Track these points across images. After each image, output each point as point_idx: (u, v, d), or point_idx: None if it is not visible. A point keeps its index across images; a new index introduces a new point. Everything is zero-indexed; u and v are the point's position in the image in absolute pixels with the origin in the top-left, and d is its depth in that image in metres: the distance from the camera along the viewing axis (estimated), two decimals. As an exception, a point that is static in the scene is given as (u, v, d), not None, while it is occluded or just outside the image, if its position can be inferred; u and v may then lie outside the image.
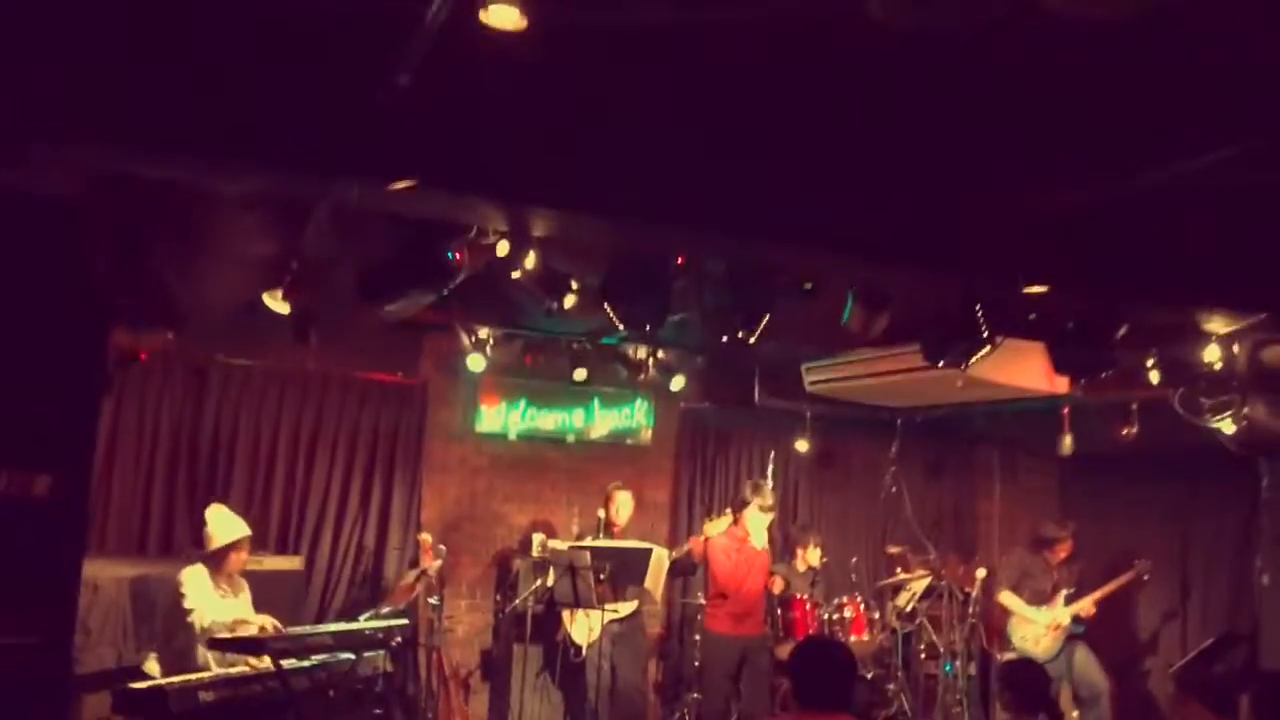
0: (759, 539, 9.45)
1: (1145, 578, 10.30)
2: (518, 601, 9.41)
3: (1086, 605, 10.05)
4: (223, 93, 4.39)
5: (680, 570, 10.00)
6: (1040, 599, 10.14)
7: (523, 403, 10.31)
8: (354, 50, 4.26)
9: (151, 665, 7.21)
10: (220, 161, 4.69)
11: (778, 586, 9.56)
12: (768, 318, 6.54)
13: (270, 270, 6.49)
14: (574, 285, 6.85)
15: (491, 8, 3.81)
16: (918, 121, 4.80)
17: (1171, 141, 4.76)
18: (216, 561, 7.42)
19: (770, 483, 10.13)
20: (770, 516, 9.43)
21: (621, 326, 6.48)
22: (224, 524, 7.52)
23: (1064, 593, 10.08)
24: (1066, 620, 10.01)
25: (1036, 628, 10.06)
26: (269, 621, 7.28)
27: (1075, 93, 4.50)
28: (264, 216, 5.59)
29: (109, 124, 4.39)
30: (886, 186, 5.34)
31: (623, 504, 9.86)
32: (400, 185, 4.74)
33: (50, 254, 5.04)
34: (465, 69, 4.33)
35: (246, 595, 7.65)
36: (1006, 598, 10.30)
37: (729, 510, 9.70)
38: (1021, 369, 7.97)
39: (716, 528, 9.60)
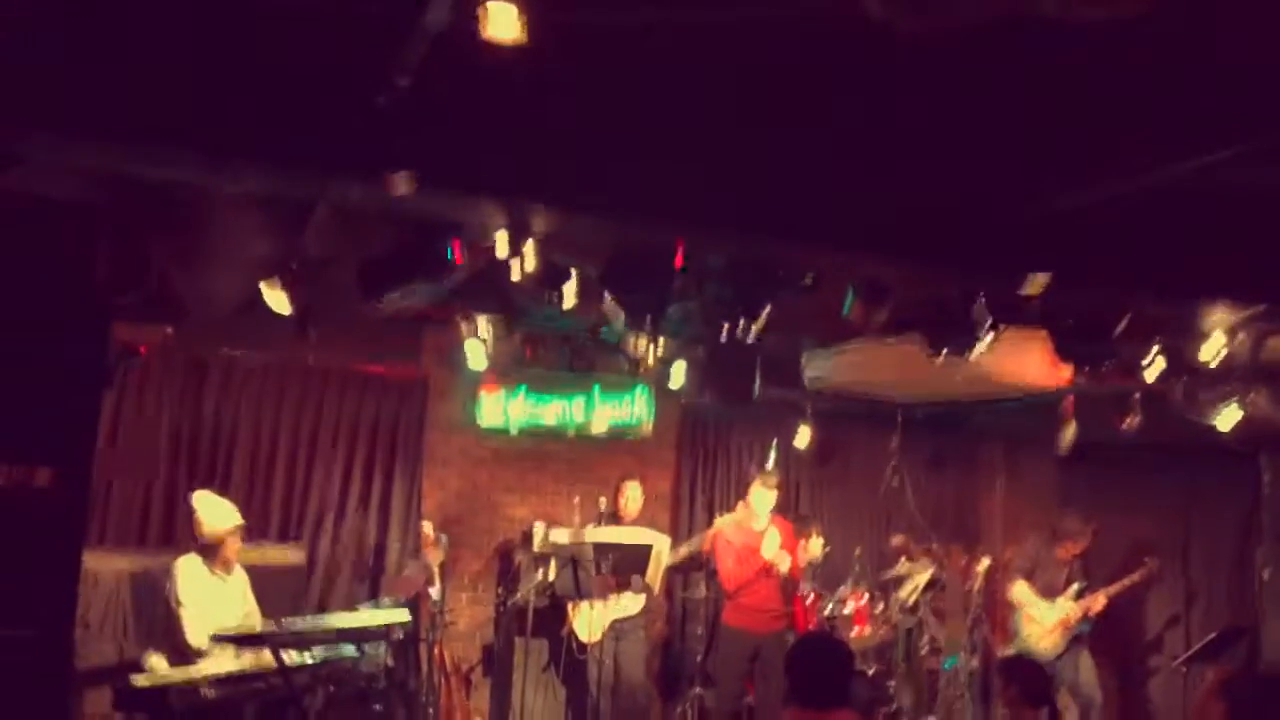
0: (762, 519, 9.40)
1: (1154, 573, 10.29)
2: (519, 595, 9.42)
3: (1098, 601, 10.02)
4: (223, 93, 4.40)
5: (692, 565, 10.03)
6: (1051, 592, 10.10)
7: (523, 395, 10.30)
8: (354, 50, 4.26)
9: (154, 661, 7.21)
10: (220, 161, 4.68)
11: (785, 563, 9.42)
12: (768, 310, 6.54)
13: (270, 266, 6.48)
14: (573, 279, 6.84)
15: (490, 10, 3.80)
16: (918, 122, 4.79)
17: (1171, 141, 4.75)
18: (212, 550, 7.42)
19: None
20: (773, 495, 9.38)
21: (622, 318, 6.48)
22: (214, 511, 7.50)
23: (1075, 586, 10.05)
24: (1076, 617, 9.97)
25: (1043, 625, 10.04)
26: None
27: (1075, 92, 4.50)
28: (264, 214, 5.58)
29: (109, 124, 4.38)
30: (887, 184, 5.33)
31: (633, 495, 9.88)
32: (400, 185, 4.73)
33: (51, 252, 5.05)
34: (465, 69, 4.33)
35: (243, 579, 7.66)
36: (1018, 589, 10.26)
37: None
38: (1023, 361, 7.96)
39: (696, 543, 9.70)
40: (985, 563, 10.63)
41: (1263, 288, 6.34)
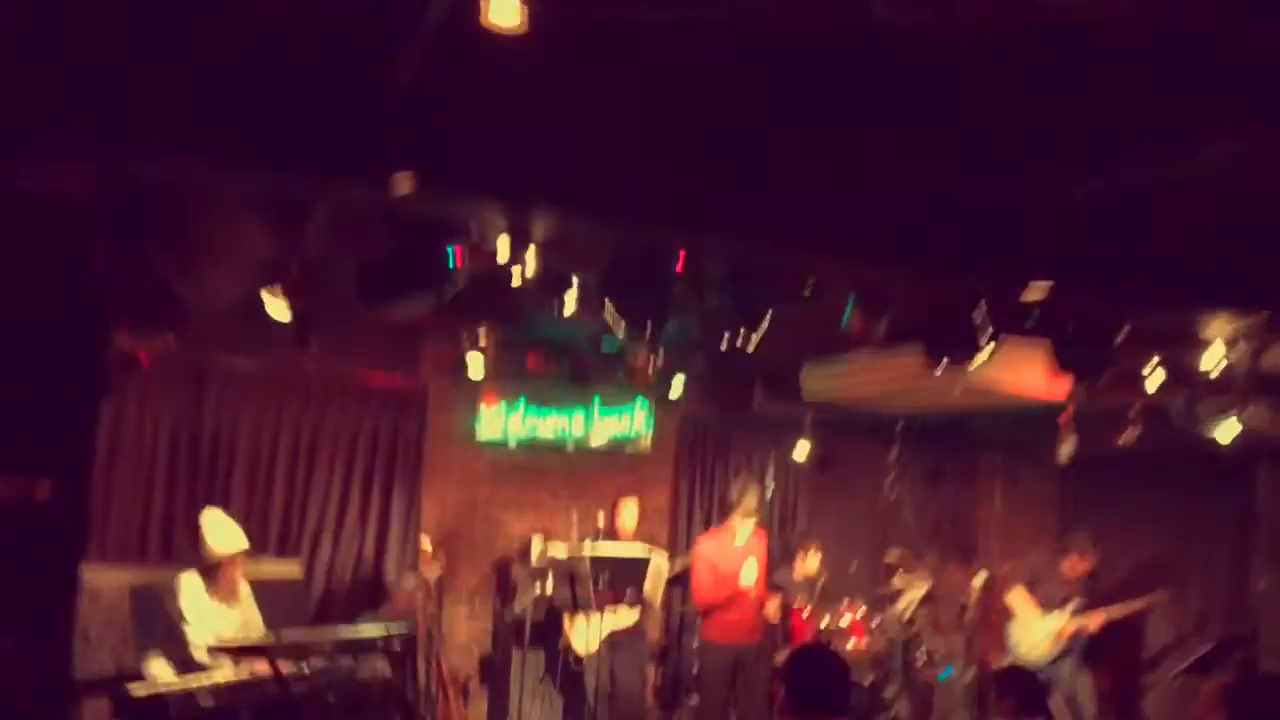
0: (742, 538, 9.36)
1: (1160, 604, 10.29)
2: (517, 609, 9.42)
3: (1092, 622, 10.00)
4: (223, 92, 4.40)
5: (682, 580, 10.02)
6: (1049, 605, 10.09)
7: (523, 408, 10.31)
8: (354, 50, 4.27)
9: (155, 666, 7.20)
10: (220, 161, 4.69)
11: (773, 611, 9.50)
12: (767, 322, 6.53)
13: (270, 272, 6.49)
14: (574, 289, 6.85)
15: (491, 7, 3.81)
16: (918, 121, 4.80)
17: (1172, 140, 4.76)
18: (212, 571, 7.41)
19: (770, 489, 10.14)
20: (752, 520, 9.35)
21: (622, 327, 6.47)
22: (220, 534, 7.49)
23: (1073, 604, 10.02)
24: (1069, 631, 9.96)
25: (1037, 631, 10.03)
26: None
27: (1075, 92, 4.51)
28: (264, 217, 5.59)
29: (109, 124, 4.39)
30: (886, 187, 5.34)
31: (629, 512, 9.90)
32: (400, 186, 4.74)
33: (51, 256, 5.04)
34: (465, 69, 4.34)
35: (247, 597, 7.66)
36: (1015, 596, 10.26)
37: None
38: (1022, 373, 7.96)
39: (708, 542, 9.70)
40: (982, 576, 10.63)
41: (1263, 293, 6.34)
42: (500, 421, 10.28)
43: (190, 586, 7.31)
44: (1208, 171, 4.85)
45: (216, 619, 7.34)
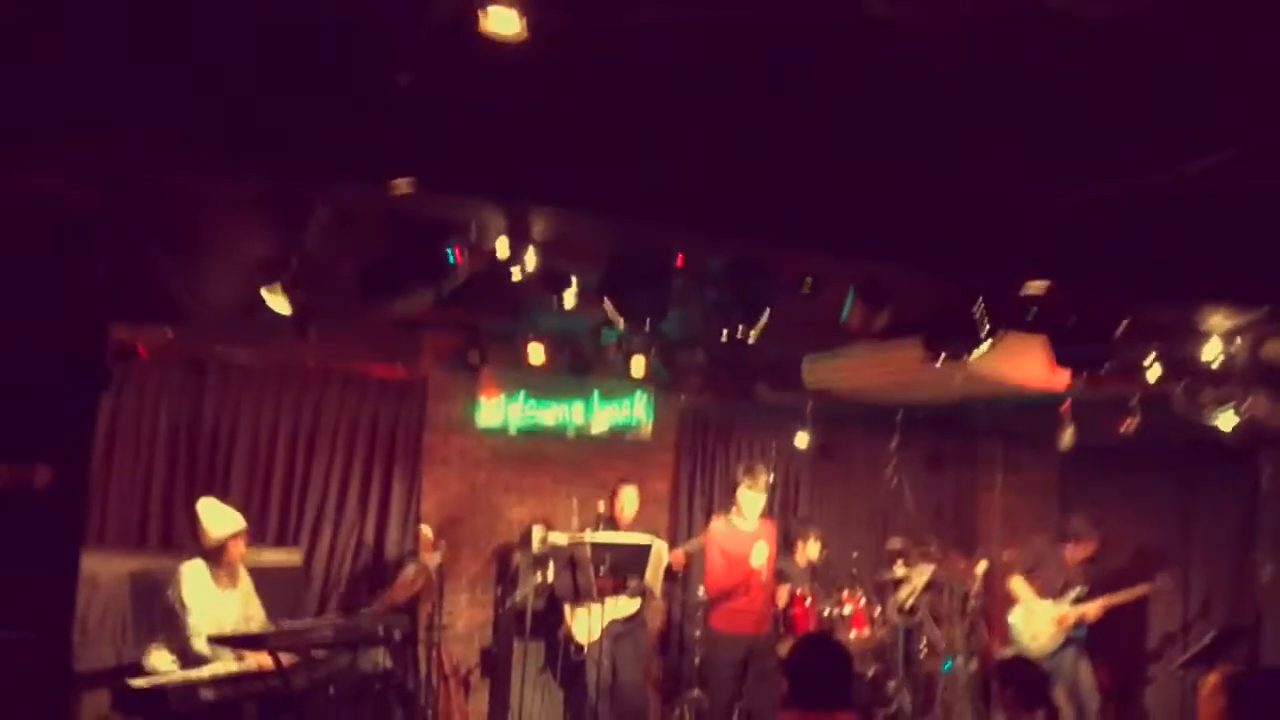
0: (751, 521, 9.37)
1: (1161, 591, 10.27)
2: (517, 597, 9.41)
3: (1094, 609, 9.98)
4: (223, 93, 4.39)
5: (667, 575, 10.01)
6: (1049, 592, 10.08)
7: (523, 396, 10.28)
8: (353, 50, 4.26)
9: (155, 657, 7.20)
10: (220, 161, 4.68)
11: (782, 599, 9.52)
12: (768, 314, 6.52)
13: (270, 267, 6.48)
14: (574, 282, 6.84)
15: (491, 11, 3.80)
16: (919, 121, 4.79)
17: (1171, 141, 4.75)
18: (215, 555, 7.43)
19: (771, 475, 10.11)
20: (761, 497, 9.34)
21: (622, 321, 6.46)
22: (217, 517, 7.54)
23: (1074, 591, 10.01)
24: (1071, 618, 9.95)
25: (1038, 620, 10.02)
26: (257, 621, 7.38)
27: (1075, 93, 4.50)
28: (264, 215, 5.57)
29: (109, 124, 4.38)
30: (887, 186, 5.33)
31: (629, 499, 9.89)
32: (400, 186, 4.73)
33: (51, 251, 5.05)
34: (465, 69, 4.33)
35: (248, 585, 7.68)
36: (1016, 583, 10.26)
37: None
38: (1022, 364, 7.95)
39: (697, 545, 9.67)
40: (983, 565, 10.63)
41: (1262, 291, 6.34)
42: (500, 409, 10.25)
43: (194, 573, 7.32)
44: (1208, 172, 4.84)
45: (218, 606, 7.35)
